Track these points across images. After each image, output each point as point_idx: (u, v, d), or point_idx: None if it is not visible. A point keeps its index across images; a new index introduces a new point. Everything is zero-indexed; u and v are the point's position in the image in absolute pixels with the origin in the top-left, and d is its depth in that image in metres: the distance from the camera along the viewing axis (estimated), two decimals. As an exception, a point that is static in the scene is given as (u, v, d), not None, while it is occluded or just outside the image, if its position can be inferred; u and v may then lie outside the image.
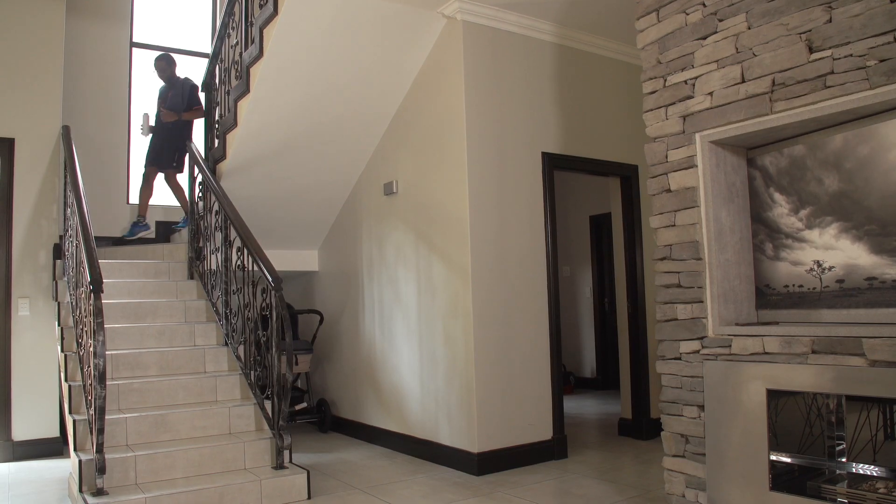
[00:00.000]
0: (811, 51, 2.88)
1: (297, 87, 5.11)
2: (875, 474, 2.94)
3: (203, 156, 6.16)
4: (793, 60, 2.94)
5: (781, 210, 3.23)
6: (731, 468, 3.13)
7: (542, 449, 5.06)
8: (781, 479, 3.05)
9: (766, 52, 3.04)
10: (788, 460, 3.13)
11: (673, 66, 3.44)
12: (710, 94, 3.26)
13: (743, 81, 3.13)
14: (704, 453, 3.26)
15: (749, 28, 3.12)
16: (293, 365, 4.34)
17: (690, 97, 3.35)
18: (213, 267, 5.47)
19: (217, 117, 6.13)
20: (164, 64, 6.74)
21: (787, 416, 3.19)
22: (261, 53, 4.94)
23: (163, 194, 7.41)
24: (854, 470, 3.02)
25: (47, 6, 5.85)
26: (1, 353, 5.55)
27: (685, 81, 3.38)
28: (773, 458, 3.04)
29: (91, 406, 3.96)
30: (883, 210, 2.86)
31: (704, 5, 3.32)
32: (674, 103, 3.43)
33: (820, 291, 3.09)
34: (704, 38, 3.30)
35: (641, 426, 5.74)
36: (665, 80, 3.48)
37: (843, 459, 3.10)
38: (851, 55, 2.74)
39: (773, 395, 3.04)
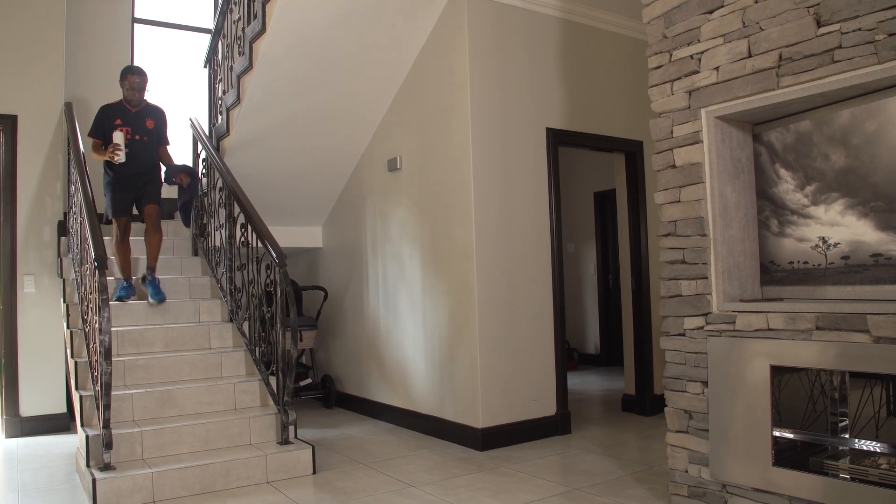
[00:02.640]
0: (819, 25, 2.85)
1: (301, 63, 5.08)
2: (877, 450, 2.95)
3: (206, 132, 6.14)
4: (800, 34, 2.90)
5: (787, 186, 3.21)
6: (734, 444, 3.14)
7: (546, 424, 5.09)
8: (784, 454, 3.07)
9: (774, 27, 3.00)
10: (791, 436, 3.14)
11: (679, 41, 3.40)
12: (717, 68, 3.23)
13: (749, 56, 3.09)
14: (708, 429, 3.27)
15: (756, 2, 3.08)
16: (298, 341, 4.35)
17: (696, 72, 3.32)
18: (218, 243, 5.49)
19: (220, 93, 6.10)
20: (143, 80, 5.31)
21: (791, 393, 3.19)
22: (263, 28, 4.91)
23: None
24: (857, 446, 3.03)
25: (48, -18, 5.81)
26: (7, 329, 5.58)
27: (691, 56, 3.34)
28: (777, 434, 3.05)
29: (97, 382, 4.00)
30: (889, 186, 2.84)
31: (711, -22, 3.28)
32: (679, 78, 3.40)
33: (825, 268, 3.08)
34: (711, 12, 3.26)
35: (645, 402, 5.76)
36: (671, 55, 3.45)
37: (846, 436, 3.10)
38: (860, 29, 2.71)
39: (777, 372, 3.05)
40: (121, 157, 4.91)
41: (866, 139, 2.90)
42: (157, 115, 5.37)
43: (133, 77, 5.26)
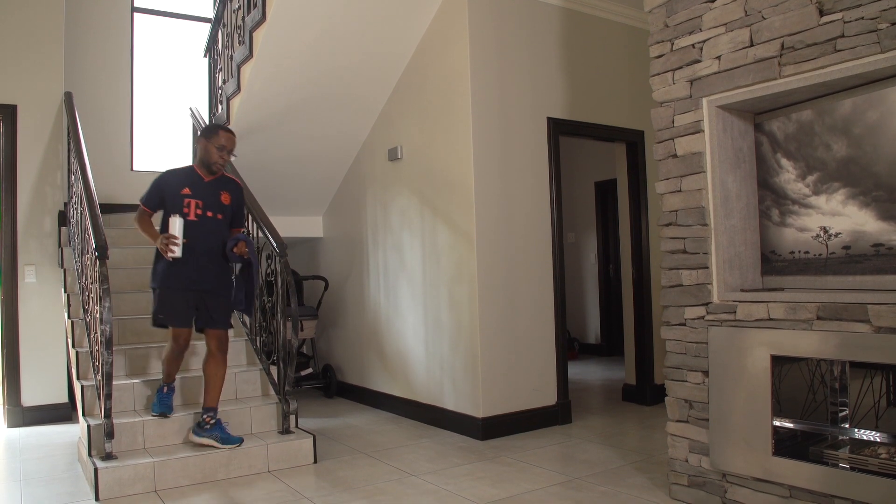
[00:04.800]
0: (821, 13, 2.83)
1: (301, 52, 5.06)
2: (877, 440, 2.96)
3: (207, 122, 6.13)
4: (802, 23, 2.89)
5: (788, 176, 3.21)
6: (734, 433, 3.15)
7: (547, 414, 5.10)
8: (784, 444, 3.07)
9: (776, 15, 2.99)
10: (791, 426, 3.15)
11: (680, 30, 3.39)
12: (718, 58, 3.21)
13: (751, 45, 3.08)
14: (708, 418, 3.27)
15: (758, -10, 3.07)
16: (298, 331, 4.36)
17: (698, 61, 3.31)
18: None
19: (220, 83, 6.09)
20: (235, 141, 4.26)
21: (791, 382, 3.19)
22: (263, 17, 4.89)
23: (171, 163, 7.41)
24: (856, 436, 3.04)
25: (47, -30, 5.79)
26: (8, 319, 5.58)
27: (693, 45, 3.33)
28: (777, 423, 3.05)
29: (98, 372, 4.00)
30: (891, 176, 2.83)
31: (713, -33, 3.27)
32: (681, 67, 3.39)
33: (826, 258, 3.08)
34: (712, 0, 3.25)
35: (645, 392, 5.77)
36: (672, 44, 3.43)
37: (846, 425, 3.11)
38: (862, 18, 2.70)
39: (778, 361, 3.05)
40: (176, 254, 3.88)
41: (868, 129, 2.89)
42: (235, 190, 4.29)
43: (228, 135, 4.18)
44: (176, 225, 3.91)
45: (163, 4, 7.58)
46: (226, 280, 4.19)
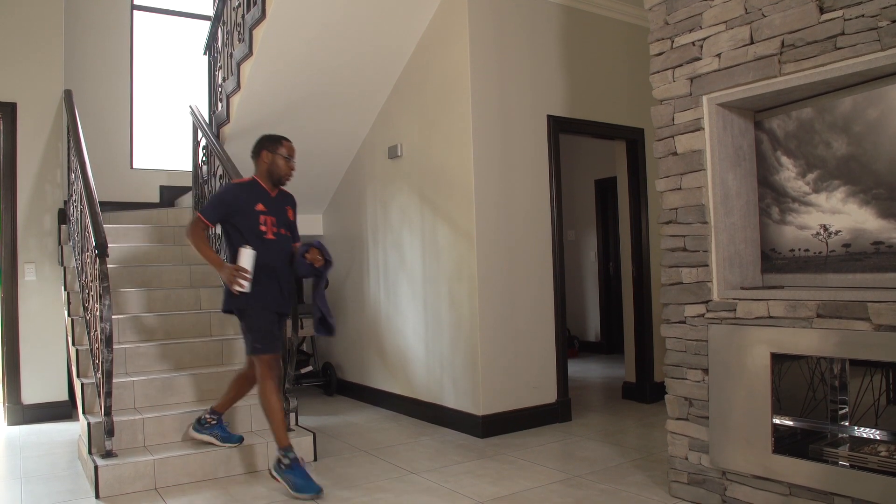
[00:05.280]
0: (822, 11, 2.83)
1: (301, 49, 5.06)
2: (877, 438, 2.96)
3: (207, 119, 6.12)
4: (803, 21, 2.89)
5: (788, 174, 3.21)
6: (734, 431, 3.15)
7: (547, 412, 5.10)
8: (784, 442, 3.07)
9: (776, 13, 2.99)
10: (791, 424, 3.15)
11: (681, 27, 3.39)
12: (718, 55, 3.21)
13: (752, 43, 3.08)
14: (708, 416, 3.27)
15: (759, -12, 3.07)
16: (298, 329, 4.35)
17: (698, 59, 3.30)
18: (219, 231, 5.47)
19: (220, 81, 6.08)
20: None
21: (791, 380, 3.20)
22: (263, 15, 4.88)
23: (170, 161, 7.41)
24: (856, 434, 3.04)
25: (47, -32, 5.78)
26: (8, 317, 5.59)
27: (693, 43, 3.33)
28: (776, 421, 3.05)
29: (98, 369, 4.00)
30: (891, 174, 2.83)
31: (713, -36, 3.26)
32: (681, 65, 3.39)
33: (826, 256, 3.08)
34: (713, -2, 3.25)
35: (645, 389, 5.77)
36: (672, 42, 3.43)
37: (846, 423, 3.11)
38: (863, 15, 2.69)
39: (777, 359, 3.05)
40: (245, 289, 3.61)
41: (868, 126, 2.89)
42: (294, 204, 4.06)
43: (289, 143, 3.95)
44: (248, 258, 3.65)
45: (162, 2, 7.58)
46: (293, 301, 4.04)
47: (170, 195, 7.21)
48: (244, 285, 3.61)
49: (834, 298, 2.81)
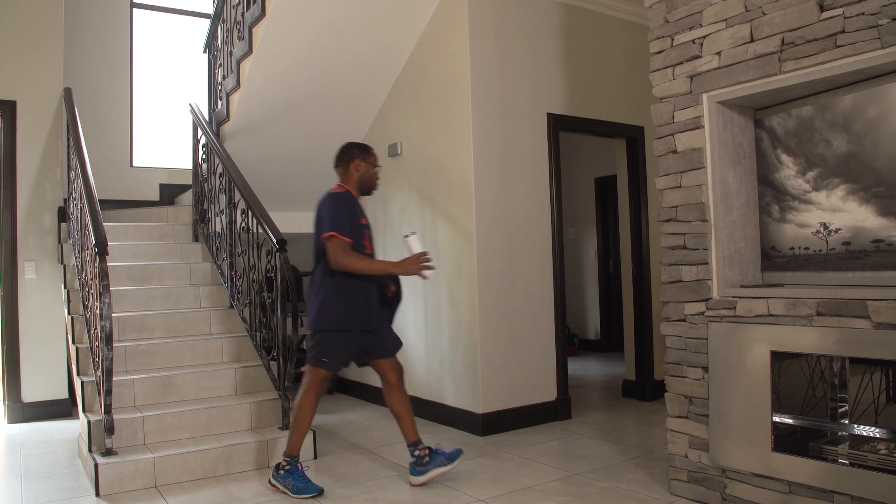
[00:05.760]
0: (822, 9, 2.83)
1: (301, 47, 5.05)
2: (877, 436, 2.96)
3: (206, 118, 6.12)
4: (803, 19, 2.88)
5: (788, 172, 3.20)
6: (734, 429, 3.15)
7: (546, 410, 5.10)
8: (784, 440, 3.07)
9: (776, 11, 2.98)
10: (791, 422, 3.15)
11: (681, 25, 3.38)
12: (719, 53, 3.21)
13: (752, 41, 3.07)
14: (708, 414, 3.27)
15: (759, -14, 3.07)
16: (298, 326, 4.35)
17: (698, 57, 3.30)
18: (218, 229, 5.48)
19: (220, 78, 6.08)
20: None
21: (791, 378, 3.20)
22: (263, 13, 4.88)
23: (170, 159, 7.41)
24: (856, 432, 3.04)
25: (46, -34, 5.78)
26: (8, 315, 5.59)
27: (693, 41, 3.32)
28: (776, 419, 3.05)
29: (98, 368, 4.00)
30: (891, 172, 2.83)
31: (714, -38, 3.26)
32: (681, 63, 3.38)
33: (826, 254, 3.08)
34: (713, -4, 3.25)
35: (645, 388, 5.77)
36: (672, 40, 3.43)
37: (846, 421, 3.11)
38: (863, 13, 2.69)
39: (777, 357, 3.05)
40: (432, 271, 3.64)
41: (868, 125, 2.89)
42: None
43: (376, 153, 3.91)
44: (417, 241, 3.66)
45: (162, 0, 7.57)
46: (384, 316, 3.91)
47: (170, 193, 7.20)
48: (432, 268, 3.62)
49: (834, 296, 2.81)
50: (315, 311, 3.66)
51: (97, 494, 3.65)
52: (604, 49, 5.64)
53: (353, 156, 3.79)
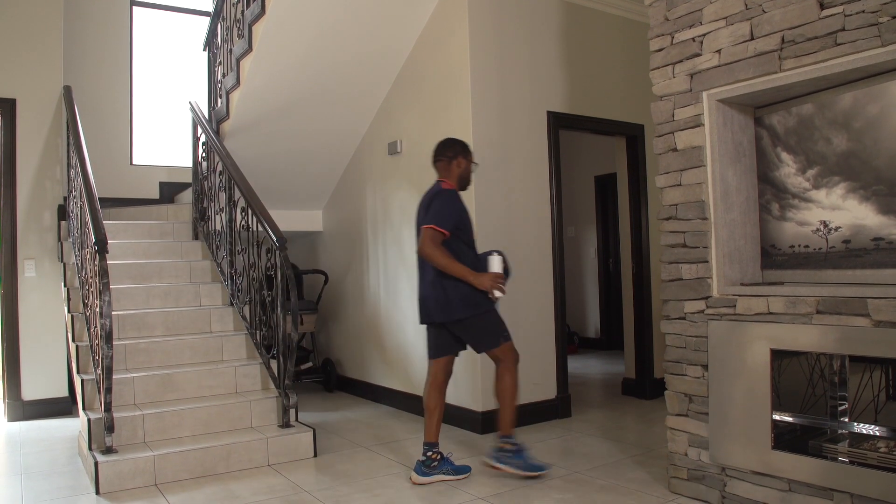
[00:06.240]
0: (822, 7, 2.83)
1: (301, 45, 5.05)
2: (876, 434, 2.96)
3: (206, 116, 6.12)
4: (803, 17, 2.88)
5: (788, 170, 3.20)
6: (733, 427, 3.15)
7: (547, 408, 5.10)
8: (783, 438, 3.08)
9: (776, 9, 2.98)
10: (791, 420, 3.15)
11: (680, 23, 3.38)
12: (719, 51, 3.21)
13: (752, 39, 3.07)
14: (707, 412, 3.28)
15: (759, -17, 3.06)
16: (298, 325, 4.36)
17: (698, 55, 3.30)
18: (218, 227, 5.48)
19: (219, 76, 6.08)
20: None
21: (791, 376, 3.20)
22: (263, 11, 4.88)
23: (170, 157, 7.41)
24: (856, 430, 3.04)
25: (46, -36, 5.77)
26: (8, 313, 5.59)
27: (693, 39, 3.32)
28: (776, 417, 3.06)
29: (98, 366, 4.00)
30: (891, 170, 2.83)
31: (714, -40, 3.25)
32: (681, 61, 3.38)
33: (826, 252, 3.08)
34: (713, -6, 3.24)
35: (645, 386, 5.77)
36: (672, 38, 3.42)
37: (845, 419, 3.11)
38: (863, 11, 2.69)
39: (777, 355, 3.05)
40: (502, 295, 3.72)
41: (868, 122, 2.89)
42: None
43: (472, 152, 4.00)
44: (498, 263, 3.70)
45: (162, -2, 7.58)
46: None
47: (169, 191, 7.20)
48: (504, 291, 3.68)
49: (833, 295, 2.81)
50: (453, 299, 3.69)
51: (97, 492, 3.65)
52: (604, 47, 5.63)
53: (457, 152, 3.89)
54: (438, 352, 3.90)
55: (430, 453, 3.82)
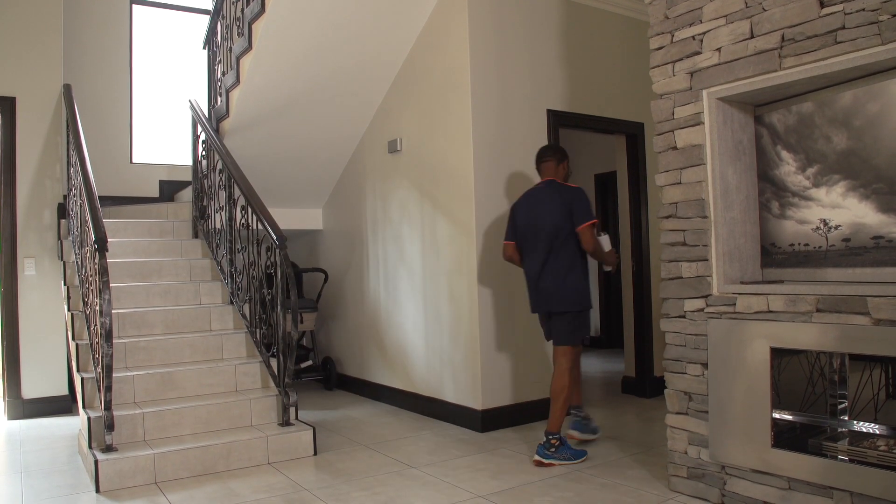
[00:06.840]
0: (822, 5, 2.82)
1: (301, 44, 5.05)
2: (876, 432, 2.96)
3: (206, 114, 6.12)
4: (803, 15, 2.88)
5: (788, 168, 3.20)
6: (733, 425, 3.15)
7: (546, 406, 5.08)
8: (783, 436, 3.08)
9: (776, 7, 2.98)
10: (790, 418, 3.15)
11: (681, 22, 3.38)
12: (719, 49, 3.21)
13: (752, 37, 3.07)
14: (707, 411, 3.28)
15: (759, -18, 3.06)
16: (298, 323, 4.36)
17: (698, 53, 3.30)
18: (218, 226, 5.48)
19: (219, 75, 6.07)
20: None
21: (790, 375, 3.20)
22: (263, 9, 4.87)
23: (170, 155, 7.40)
24: (855, 428, 3.04)
25: (46, -38, 5.77)
26: (8, 312, 5.59)
27: (693, 37, 3.32)
28: (776, 415, 3.06)
29: (98, 364, 4.01)
30: (891, 168, 2.83)
31: (714, -42, 3.25)
32: (681, 59, 3.38)
33: (826, 250, 3.08)
34: (713, -8, 3.24)
35: (645, 384, 5.78)
36: (672, 36, 3.42)
37: (845, 417, 3.11)
38: (863, 10, 2.69)
39: (777, 354, 3.05)
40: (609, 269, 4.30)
41: (868, 121, 2.89)
42: None
43: None
44: (608, 242, 4.14)
45: (162, -4, 7.57)
46: None
47: (169, 189, 7.20)
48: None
49: (833, 293, 2.81)
50: (571, 291, 4.03)
51: (97, 490, 3.65)
52: (603, 45, 5.63)
53: (565, 155, 4.31)
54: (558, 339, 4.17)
55: (552, 440, 4.02)
